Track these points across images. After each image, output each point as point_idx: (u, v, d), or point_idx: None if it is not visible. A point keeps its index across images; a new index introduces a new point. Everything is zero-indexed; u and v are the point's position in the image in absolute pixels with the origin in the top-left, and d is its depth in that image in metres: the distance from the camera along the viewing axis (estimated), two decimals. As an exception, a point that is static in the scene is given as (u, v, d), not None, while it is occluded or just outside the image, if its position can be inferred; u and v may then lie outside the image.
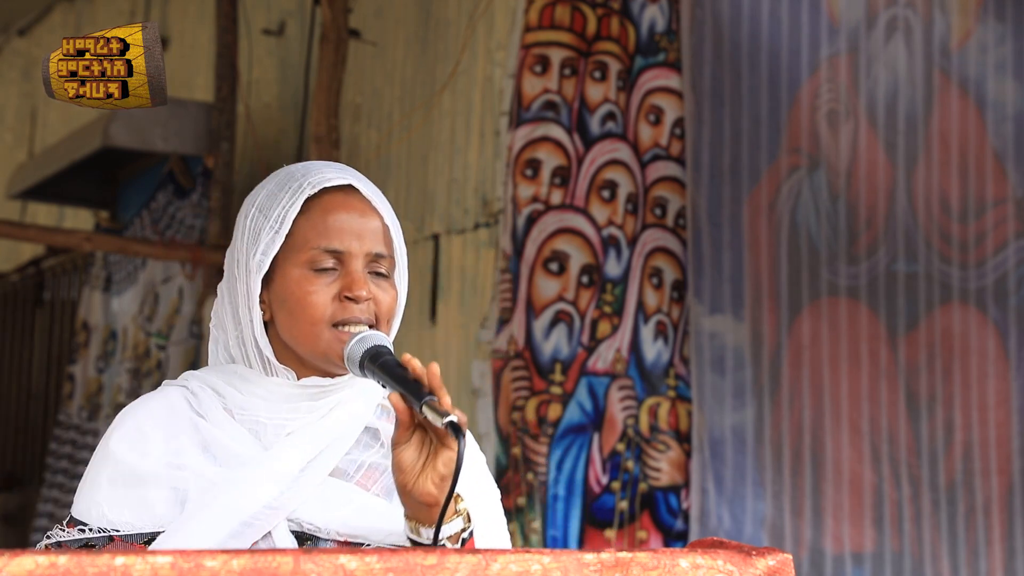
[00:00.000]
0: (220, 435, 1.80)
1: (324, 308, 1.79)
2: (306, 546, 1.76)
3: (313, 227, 1.81)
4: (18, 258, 8.45)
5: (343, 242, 1.81)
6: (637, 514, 4.52)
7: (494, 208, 4.75)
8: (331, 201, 1.82)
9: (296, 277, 1.80)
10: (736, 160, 4.68)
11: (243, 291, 1.82)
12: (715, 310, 4.62)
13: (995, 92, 4.90)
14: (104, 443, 1.82)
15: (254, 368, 1.83)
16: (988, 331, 4.81)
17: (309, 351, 1.80)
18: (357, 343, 1.75)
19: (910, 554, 4.65)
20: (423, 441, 1.69)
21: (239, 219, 1.87)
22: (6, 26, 8.85)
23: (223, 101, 6.07)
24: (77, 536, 1.77)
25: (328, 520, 1.77)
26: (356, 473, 1.82)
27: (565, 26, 4.59)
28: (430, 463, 1.68)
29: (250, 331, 1.82)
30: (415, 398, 1.65)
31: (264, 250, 1.81)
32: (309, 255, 1.80)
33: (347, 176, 1.85)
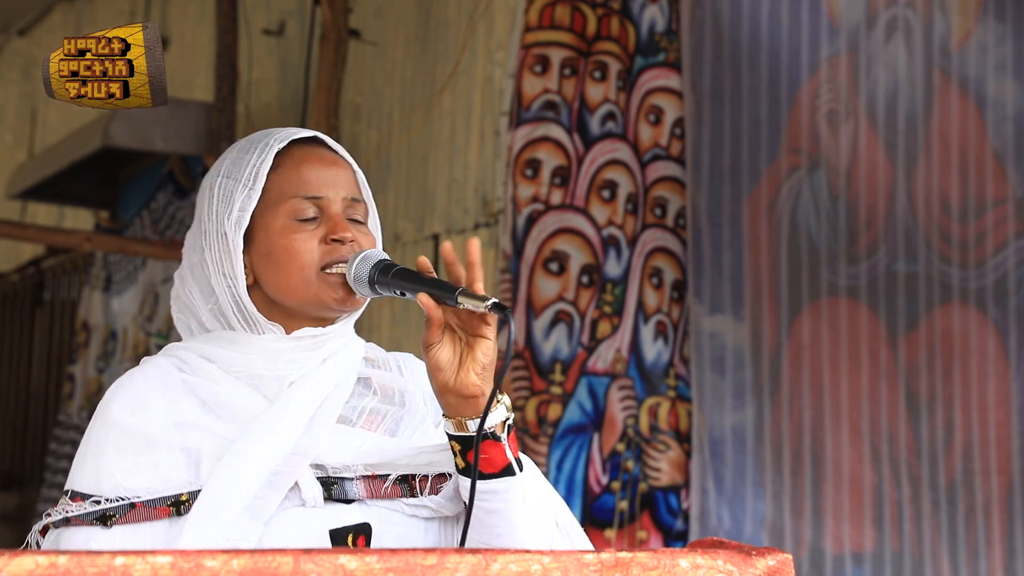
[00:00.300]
0: (220, 391, 1.79)
1: (312, 253, 1.80)
2: (334, 489, 1.77)
3: (288, 179, 1.83)
4: (18, 258, 8.45)
5: (321, 189, 1.82)
6: (637, 514, 4.52)
7: (494, 208, 4.75)
8: (300, 153, 1.85)
9: (279, 227, 1.81)
10: (736, 160, 4.68)
11: (217, 257, 1.82)
12: (715, 310, 4.62)
13: (995, 92, 4.90)
14: (103, 414, 1.79)
15: (238, 330, 1.82)
16: (988, 331, 4.81)
17: (300, 299, 1.81)
18: (360, 262, 1.78)
19: (910, 554, 4.65)
20: (454, 338, 1.72)
21: (203, 193, 1.87)
22: (6, 26, 8.85)
23: (223, 101, 6.07)
24: (91, 508, 1.74)
25: (351, 458, 1.79)
26: (358, 419, 1.84)
27: (565, 26, 4.59)
28: (467, 356, 1.71)
29: (229, 296, 1.82)
30: (447, 292, 1.68)
31: (241, 207, 1.82)
32: (289, 205, 1.81)
33: (312, 132, 1.88)
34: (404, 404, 1.88)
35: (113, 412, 1.78)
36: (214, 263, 1.82)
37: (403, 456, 1.80)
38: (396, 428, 1.85)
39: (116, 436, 1.77)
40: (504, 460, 1.74)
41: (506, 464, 1.74)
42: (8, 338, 8.58)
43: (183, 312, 1.89)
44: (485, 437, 1.72)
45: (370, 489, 1.80)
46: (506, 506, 1.75)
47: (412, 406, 1.88)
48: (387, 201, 5.30)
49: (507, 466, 1.74)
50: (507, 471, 1.74)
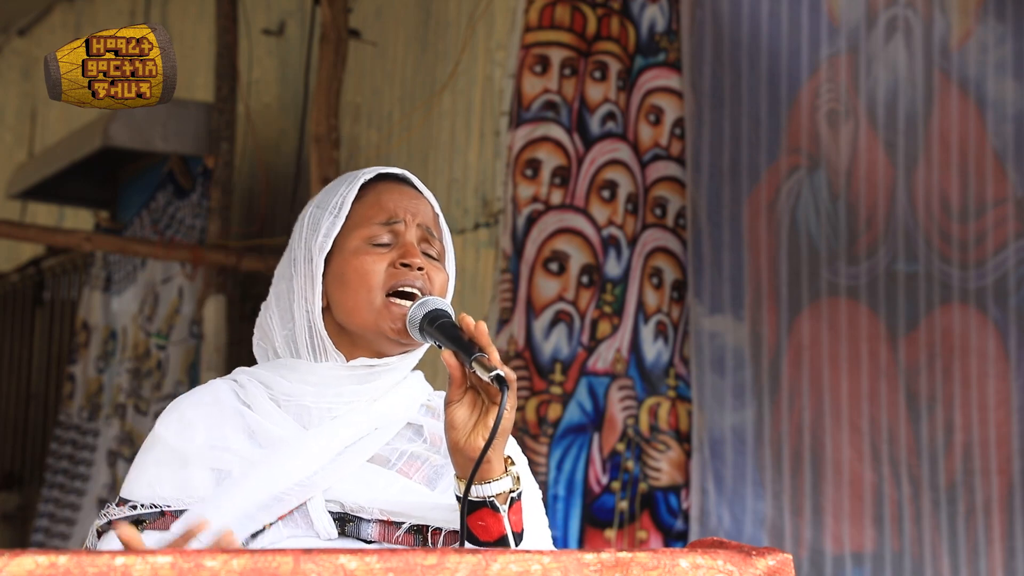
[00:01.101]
0: (264, 422, 1.86)
1: (379, 275, 1.86)
2: (348, 526, 1.81)
3: (369, 207, 1.91)
4: (18, 258, 8.45)
5: (397, 215, 1.90)
6: (637, 514, 4.52)
7: (494, 208, 4.75)
8: (386, 186, 1.93)
9: (353, 249, 1.88)
10: (736, 160, 4.68)
11: (300, 282, 1.89)
12: (715, 310, 4.62)
13: (995, 92, 4.90)
14: (154, 430, 1.90)
15: (303, 358, 1.88)
16: (988, 331, 4.81)
17: (362, 322, 1.86)
18: (418, 307, 1.83)
19: (910, 554, 4.65)
20: (475, 400, 1.75)
21: (296, 224, 1.95)
22: (6, 26, 8.84)
23: (223, 101, 6.07)
24: (128, 512, 1.83)
25: (370, 499, 1.81)
26: (398, 461, 1.86)
27: (565, 26, 4.59)
28: (481, 421, 1.74)
29: (304, 320, 1.88)
30: (466, 354, 1.72)
31: (326, 233, 1.89)
32: (366, 230, 1.89)
33: (400, 170, 1.97)
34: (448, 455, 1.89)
35: (160, 430, 1.89)
36: (299, 288, 1.90)
37: (420, 508, 1.82)
38: (436, 478, 1.87)
39: (158, 451, 1.86)
40: (500, 531, 1.74)
41: (501, 535, 1.74)
42: (8, 338, 8.58)
43: (263, 339, 1.96)
44: (483, 504, 1.74)
45: (383, 534, 1.81)
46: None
47: None
48: (387, 201, 5.29)
49: (502, 537, 1.74)
50: (502, 542, 1.75)
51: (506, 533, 1.74)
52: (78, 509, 6.64)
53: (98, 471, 6.57)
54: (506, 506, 1.74)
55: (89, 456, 6.72)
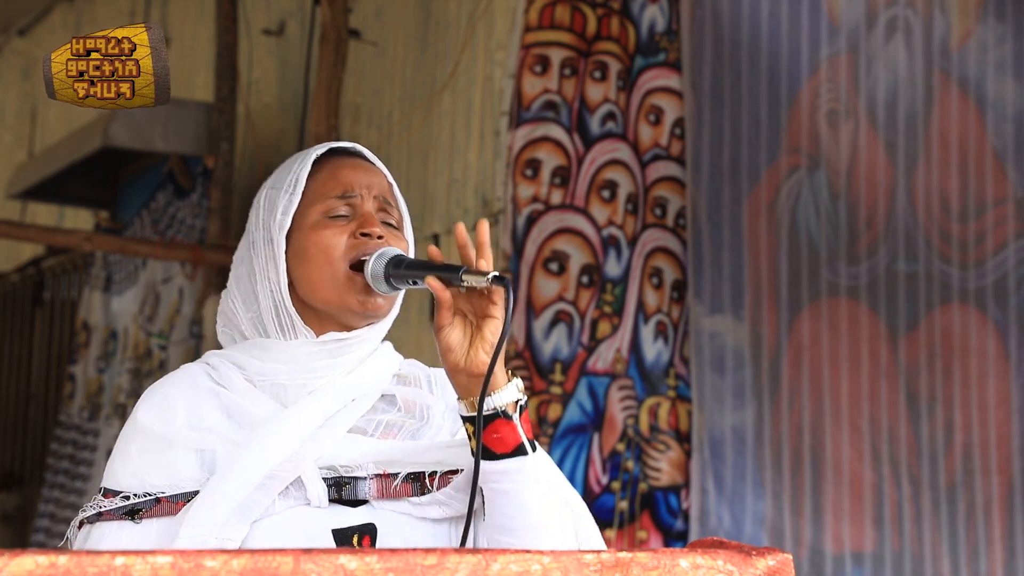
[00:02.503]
0: (241, 400, 1.85)
1: (339, 247, 1.86)
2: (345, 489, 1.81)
3: (324, 182, 1.91)
4: (18, 258, 8.45)
5: (354, 188, 1.90)
6: (637, 514, 4.52)
7: (494, 208, 4.75)
8: (339, 160, 1.94)
9: (312, 224, 1.88)
10: (736, 160, 4.68)
11: (262, 262, 1.89)
12: (715, 310, 4.63)
13: (995, 92, 4.90)
14: (132, 418, 1.88)
15: (272, 337, 1.88)
16: (988, 331, 4.81)
17: (326, 297, 1.86)
18: (376, 259, 1.83)
19: (910, 554, 4.65)
20: (465, 320, 1.76)
21: (252, 208, 1.95)
22: (6, 26, 8.84)
23: (223, 101, 6.07)
24: (121, 503, 1.82)
25: (361, 457, 1.81)
26: (375, 431, 1.86)
27: (565, 26, 4.59)
28: (477, 336, 1.75)
29: (269, 301, 1.88)
30: (452, 272, 1.72)
31: (283, 211, 1.89)
32: (323, 204, 1.89)
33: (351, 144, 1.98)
34: (424, 418, 1.90)
35: (139, 416, 1.87)
36: (260, 268, 1.89)
37: (412, 454, 1.82)
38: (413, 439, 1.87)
39: (140, 438, 1.85)
40: (516, 439, 1.75)
41: (518, 444, 1.75)
42: (8, 338, 8.58)
43: (227, 325, 1.95)
44: (496, 416, 1.74)
45: (381, 488, 1.81)
46: (517, 487, 1.76)
47: (431, 419, 1.90)
48: (387, 201, 5.29)
49: (519, 445, 1.75)
50: (519, 451, 1.75)
51: (522, 441, 1.75)
52: (79, 509, 6.64)
53: (98, 471, 6.57)
54: (517, 414, 1.75)
55: (90, 456, 6.72)
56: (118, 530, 1.81)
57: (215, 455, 1.81)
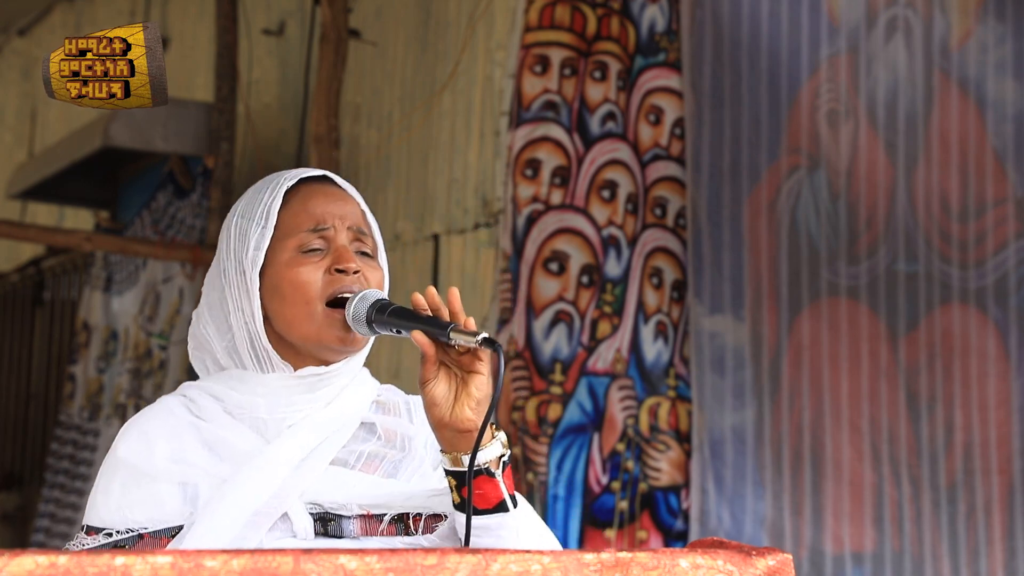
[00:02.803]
0: (222, 433, 1.84)
1: (315, 284, 1.84)
2: (331, 525, 1.80)
3: (296, 215, 1.88)
4: (18, 258, 8.44)
5: (326, 220, 1.88)
6: (637, 514, 4.52)
7: (494, 208, 4.75)
8: (309, 190, 1.91)
9: (286, 261, 1.86)
10: (736, 160, 4.68)
11: (235, 294, 1.86)
12: (715, 310, 4.62)
13: (995, 92, 4.90)
14: (112, 453, 1.86)
15: (249, 369, 1.87)
16: (988, 331, 4.81)
17: (303, 334, 1.85)
18: (359, 302, 1.81)
19: (910, 554, 4.65)
20: (450, 374, 1.75)
21: (222, 233, 1.92)
22: (6, 26, 8.84)
23: (223, 101, 6.07)
24: (104, 540, 1.80)
25: (347, 497, 1.81)
26: (357, 462, 1.86)
27: (565, 26, 4.59)
28: (462, 392, 1.74)
29: (245, 332, 1.86)
30: (439, 328, 1.71)
31: (256, 245, 1.87)
32: (296, 239, 1.86)
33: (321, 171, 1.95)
34: (405, 449, 1.89)
35: (120, 451, 1.85)
36: (233, 300, 1.87)
37: (397, 497, 1.82)
38: (395, 472, 1.87)
39: (122, 474, 1.84)
40: (498, 496, 1.75)
41: (500, 500, 1.75)
42: (8, 338, 8.58)
43: (199, 349, 1.93)
44: (479, 473, 1.74)
45: (366, 528, 1.81)
46: (500, 542, 1.76)
47: (412, 450, 1.90)
48: (387, 201, 5.30)
49: (501, 502, 1.75)
50: (500, 507, 1.75)
51: (504, 498, 1.75)
52: (79, 509, 6.64)
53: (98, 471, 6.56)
54: (500, 471, 1.75)
55: (90, 456, 6.72)
56: None
57: (198, 488, 1.80)
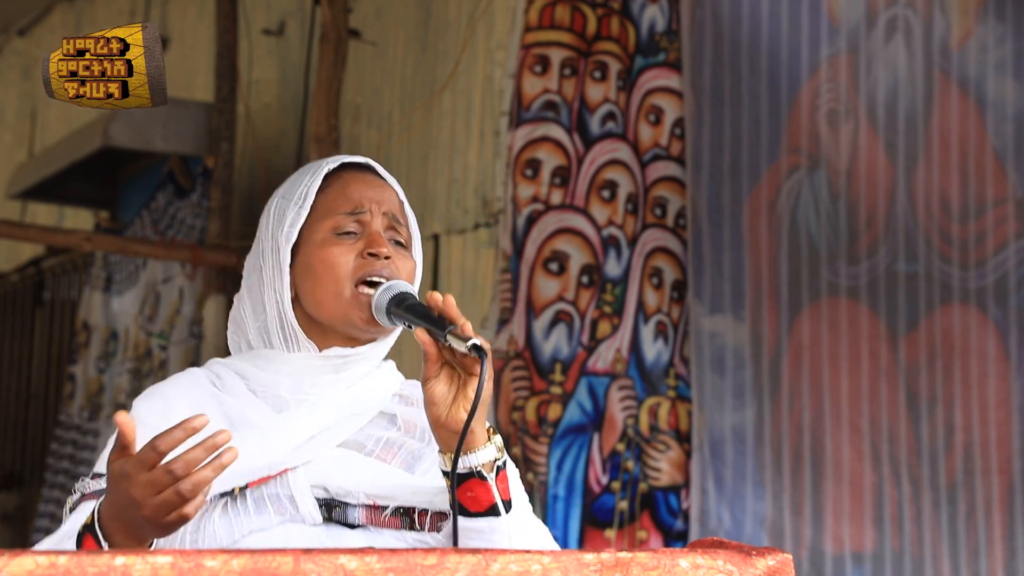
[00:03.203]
0: (243, 408, 1.86)
1: (347, 266, 1.87)
2: (335, 511, 1.81)
3: (334, 198, 1.91)
4: (18, 258, 8.44)
5: (363, 205, 1.91)
6: (637, 514, 4.52)
7: (494, 208, 4.75)
8: (350, 175, 1.95)
9: (320, 241, 1.89)
10: (736, 160, 4.68)
11: (269, 273, 1.90)
12: (715, 310, 4.62)
13: (995, 92, 4.90)
14: (132, 409, 1.88)
15: (276, 348, 1.89)
16: (988, 331, 4.81)
17: (330, 314, 1.87)
18: (384, 292, 1.84)
19: (910, 554, 4.65)
20: (452, 375, 1.77)
21: (263, 216, 1.96)
22: (6, 26, 8.84)
23: (223, 101, 6.06)
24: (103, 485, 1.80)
25: (355, 484, 1.81)
26: (375, 447, 1.87)
27: (565, 26, 4.59)
28: (461, 393, 1.76)
29: (275, 311, 1.89)
30: (439, 329, 1.73)
31: (291, 223, 1.90)
32: (332, 221, 1.90)
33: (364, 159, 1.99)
34: (425, 440, 1.90)
35: (137, 407, 1.89)
36: (268, 279, 1.90)
37: (403, 491, 1.83)
38: (413, 463, 1.87)
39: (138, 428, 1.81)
40: (489, 500, 1.76)
41: (491, 504, 1.76)
42: (8, 338, 8.58)
43: (236, 332, 1.96)
44: (471, 475, 1.75)
45: (370, 517, 1.82)
46: (492, 545, 1.76)
47: (434, 443, 1.88)
48: (387, 201, 5.29)
49: (492, 506, 1.76)
50: (492, 511, 1.76)
51: (495, 502, 1.76)
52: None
53: (98, 471, 6.56)
54: (493, 474, 1.76)
55: (90, 456, 6.72)
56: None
57: None
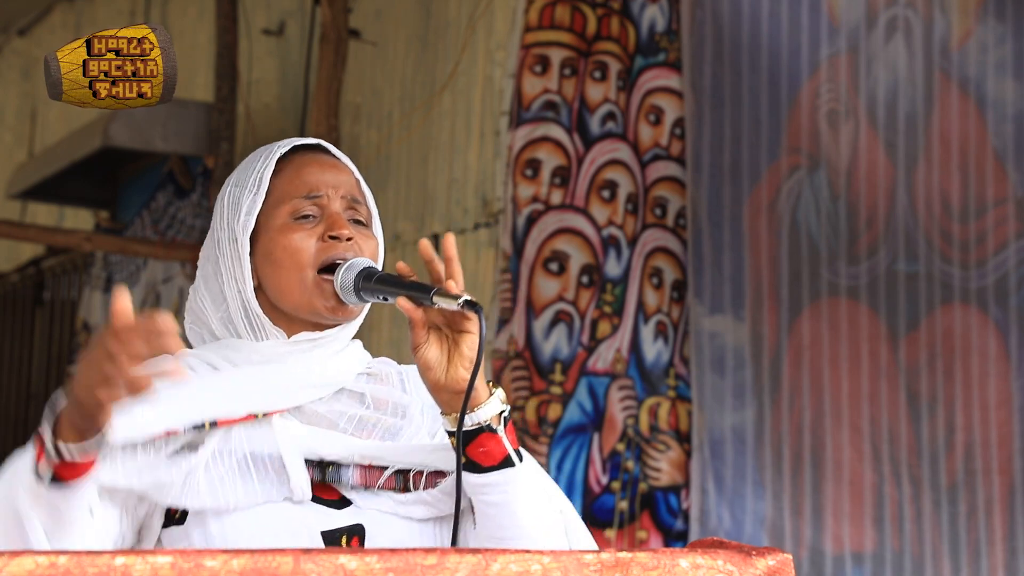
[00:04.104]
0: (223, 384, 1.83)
1: (308, 251, 1.83)
2: (329, 471, 1.79)
3: (289, 181, 1.87)
4: (18, 258, 8.44)
5: (320, 188, 1.87)
6: (637, 514, 4.52)
7: (494, 208, 4.75)
8: (303, 158, 1.90)
9: (279, 227, 1.85)
10: (736, 160, 4.68)
11: (227, 263, 1.86)
12: (715, 310, 4.62)
13: (995, 92, 4.90)
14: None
15: (244, 337, 1.86)
16: (989, 331, 4.81)
17: (295, 301, 1.84)
18: (346, 271, 1.80)
19: (911, 554, 4.65)
20: (441, 337, 1.75)
21: (216, 205, 1.92)
22: (6, 26, 8.84)
23: (223, 101, 6.06)
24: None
25: (347, 448, 1.80)
26: (347, 425, 1.84)
27: (565, 26, 4.59)
28: (455, 353, 1.74)
29: (237, 301, 1.85)
30: (423, 293, 1.71)
31: (247, 210, 1.86)
32: (289, 205, 1.85)
33: (315, 140, 1.94)
34: (401, 415, 1.88)
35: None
36: (226, 268, 1.86)
37: (397, 453, 1.81)
38: (393, 439, 1.85)
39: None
40: (502, 451, 1.75)
41: (504, 456, 1.75)
42: (8, 338, 8.58)
43: (195, 323, 1.92)
44: (481, 431, 1.74)
45: (364, 478, 1.80)
46: (507, 498, 1.75)
47: (410, 416, 1.88)
48: (387, 201, 5.30)
49: (506, 457, 1.75)
50: (506, 462, 1.75)
51: (508, 453, 1.75)
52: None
53: (98, 471, 6.55)
54: (501, 426, 1.75)
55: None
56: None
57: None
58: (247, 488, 1.76)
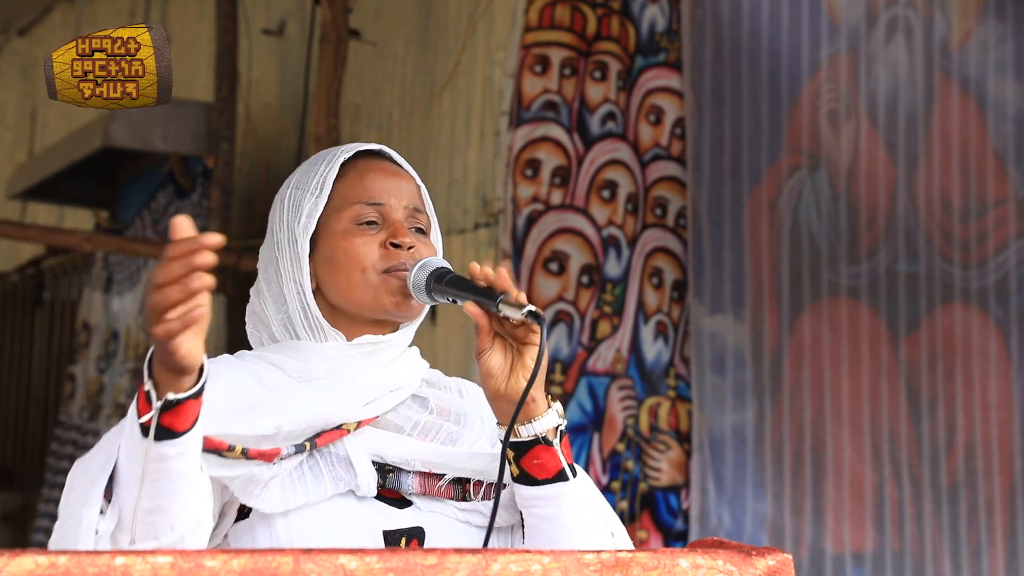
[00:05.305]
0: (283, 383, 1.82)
1: (371, 256, 1.84)
2: (389, 477, 1.79)
3: (352, 187, 1.88)
4: (18, 258, 8.44)
5: (382, 196, 1.88)
6: (637, 514, 4.52)
7: (494, 208, 4.75)
8: (366, 163, 1.91)
9: (341, 231, 1.85)
10: (737, 160, 4.68)
11: (287, 265, 1.86)
12: (716, 310, 4.62)
13: (996, 92, 4.90)
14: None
15: (304, 339, 1.86)
16: (990, 331, 4.81)
17: (359, 302, 1.84)
18: (420, 269, 1.81)
19: (911, 554, 4.65)
20: (505, 345, 1.75)
21: (274, 206, 1.92)
22: (6, 26, 8.84)
23: (223, 101, 6.06)
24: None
25: (410, 451, 1.80)
26: (412, 430, 1.84)
27: (565, 26, 4.59)
28: (517, 362, 1.75)
29: (296, 303, 1.86)
30: (490, 300, 1.71)
31: (308, 213, 1.87)
32: (352, 211, 1.86)
33: (378, 146, 1.95)
34: (461, 423, 1.88)
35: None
36: (286, 271, 1.87)
37: (459, 459, 1.82)
38: (453, 443, 1.86)
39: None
40: (557, 465, 1.75)
41: (559, 469, 1.76)
42: (8, 338, 8.58)
43: (256, 326, 1.92)
44: (537, 442, 1.74)
45: (424, 485, 1.80)
46: (559, 512, 1.76)
47: (469, 425, 1.89)
48: (387, 201, 5.29)
49: (560, 471, 1.76)
50: (560, 476, 1.76)
51: (563, 467, 1.75)
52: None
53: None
54: (557, 439, 1.75)
55: (89, 456, 6.71)
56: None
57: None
58: (317, 487, 1.76)
